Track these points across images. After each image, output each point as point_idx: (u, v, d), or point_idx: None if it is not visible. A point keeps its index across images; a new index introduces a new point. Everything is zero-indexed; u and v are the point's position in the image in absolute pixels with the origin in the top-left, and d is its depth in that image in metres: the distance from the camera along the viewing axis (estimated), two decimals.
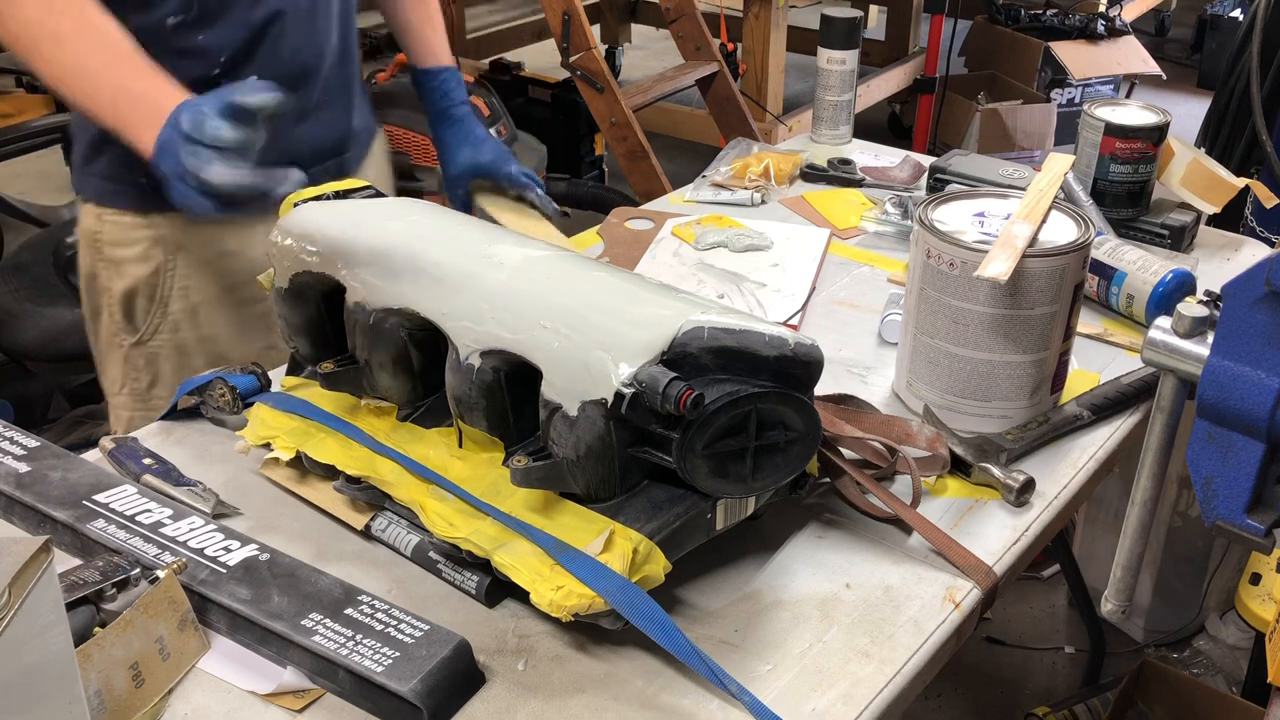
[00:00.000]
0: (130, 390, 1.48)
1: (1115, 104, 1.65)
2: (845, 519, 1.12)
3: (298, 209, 1.21)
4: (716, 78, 3.46)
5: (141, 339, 1.44)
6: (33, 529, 1.06)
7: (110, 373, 1.50)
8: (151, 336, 1.44)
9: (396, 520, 1.06)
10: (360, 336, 1.10)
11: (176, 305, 1.42)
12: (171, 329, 1.43)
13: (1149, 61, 4.25)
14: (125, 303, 1.42)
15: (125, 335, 1.45)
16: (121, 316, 1.43)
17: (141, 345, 1.44)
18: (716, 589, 1.03)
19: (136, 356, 1.45)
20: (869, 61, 4.40)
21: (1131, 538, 1.02)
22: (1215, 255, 1.66)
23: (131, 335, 1.44)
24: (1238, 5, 5.35)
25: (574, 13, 3.17)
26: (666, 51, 5.07)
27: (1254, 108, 2.48)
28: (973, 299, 1.18)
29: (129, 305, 1.43)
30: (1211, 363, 0.88)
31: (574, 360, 0.94)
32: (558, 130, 3.76)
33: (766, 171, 1.86)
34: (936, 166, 1.76)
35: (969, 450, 1.18)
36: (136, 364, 1.46)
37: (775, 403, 0.95)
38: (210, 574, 0.96)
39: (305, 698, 0.90)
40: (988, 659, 2.38)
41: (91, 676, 0.84)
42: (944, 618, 1.00)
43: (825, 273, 1.61)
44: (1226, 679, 2.24)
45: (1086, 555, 2.40)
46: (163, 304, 1.42)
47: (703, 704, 0.90)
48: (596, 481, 0.96)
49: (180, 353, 1.45)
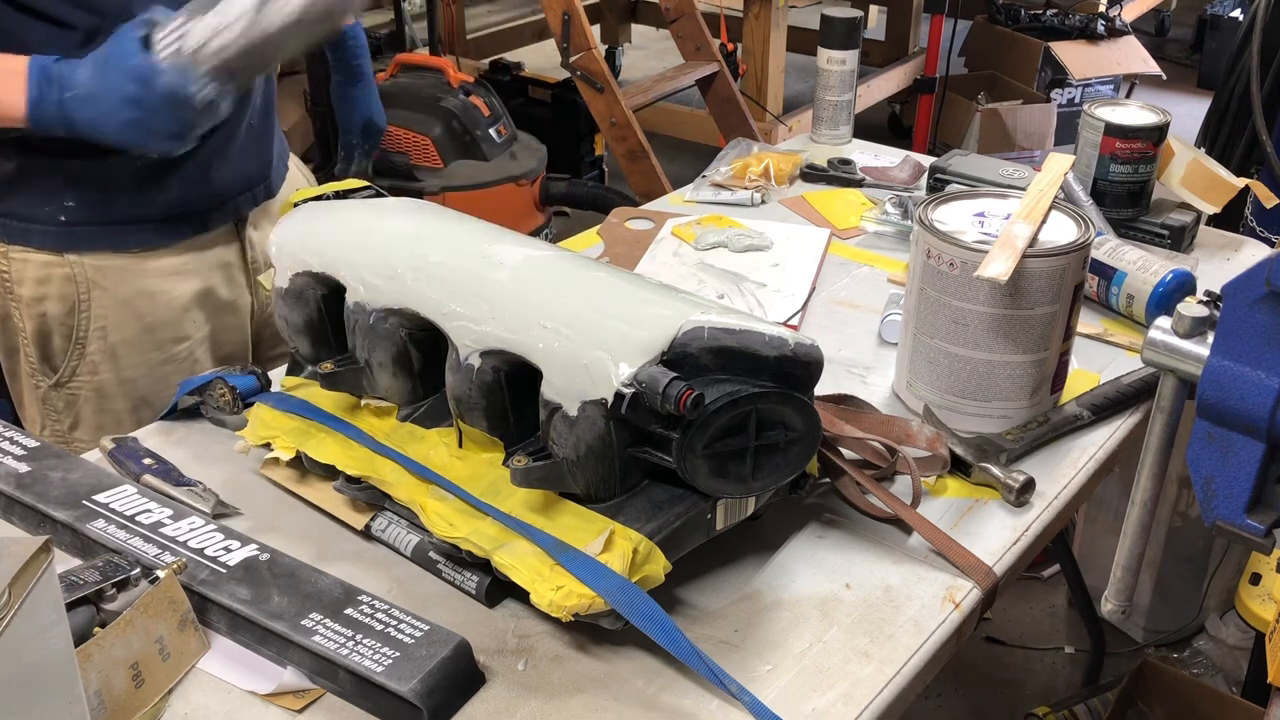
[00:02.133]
0: (51, 432, 1.43)
1: (1115, 104, 1.65)
2: (845, 519, 1.12)
3: (298, 209, 1.21)
4: (716, 78, 3.46)
5: (60, 380, 1.39)
6: (33, 529, 1.06)
7: (29, 414, 1.45)
8: (70, 378, 1.39)
9: (396, 520, 1.06)
10: (360, 336, 1.10)
11: (94, 345, 1.37)
12: (90, 370, 1.38)
13: (1149, 61, 4.25)
14: (40, 343, 1.38)
15: (42, 377, 1.40)
16: (38, 358, 1.39)
17: (60, 387, 1.39)
18: (716, 589, 1.03)
19: (55, 399, 1.41)
20: (869, 61, 4.40)
21: (1131, 538, 1.02)
22: (1215, 255, 1.66)
23: (49, 377, 1.39)
24: (1238, 5, 5.35)
25: (574, 13, 3.17)
26: (666, 51, 5.07)
27: (1254, 108, 2.48)
28: (973, 299, 1.18)
29: (44, 346, 1.38)
30: (1211, 363, 0.88)
31: (574, 360, 0.94)
32: (558, 130, 3.76)
33: (766, 171, 1.86)
34: (936, 166, 1.76)
35: (969, 450, 1.18)
36: (56, 406, 1.41)
37: (775, 403, 0.95)
38: (210, 574, 0.96)
39: (305, 698, 0.90)
40: (988, 659, 2.38)
41: (91, 676, 0.84)
42: (944, 618, 1.00)
43: (825, 273, 1.61)
44: (1226, 679, 2.24)
45: (1086, 555, 2.40)
46: (80, 344, 1.37)
47: (703, 704, 0.90)
48: (596, 481, 0.96)
49: (100, 395, 1.40)
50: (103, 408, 1.41)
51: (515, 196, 3.11)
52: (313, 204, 1.21)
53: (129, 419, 1.41)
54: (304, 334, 1.17)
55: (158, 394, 1.41)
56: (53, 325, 1.36)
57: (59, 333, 1.37)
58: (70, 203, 1.32)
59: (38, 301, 1.35)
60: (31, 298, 1.35)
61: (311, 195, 1.24)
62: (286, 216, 1.20)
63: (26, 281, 1.35)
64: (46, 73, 1.15)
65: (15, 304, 1.36)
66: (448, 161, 3.07)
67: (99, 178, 1.31)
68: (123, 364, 1.39)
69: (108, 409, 1.41)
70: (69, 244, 1.33)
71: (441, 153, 3.06)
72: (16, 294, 1.35)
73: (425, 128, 3.06)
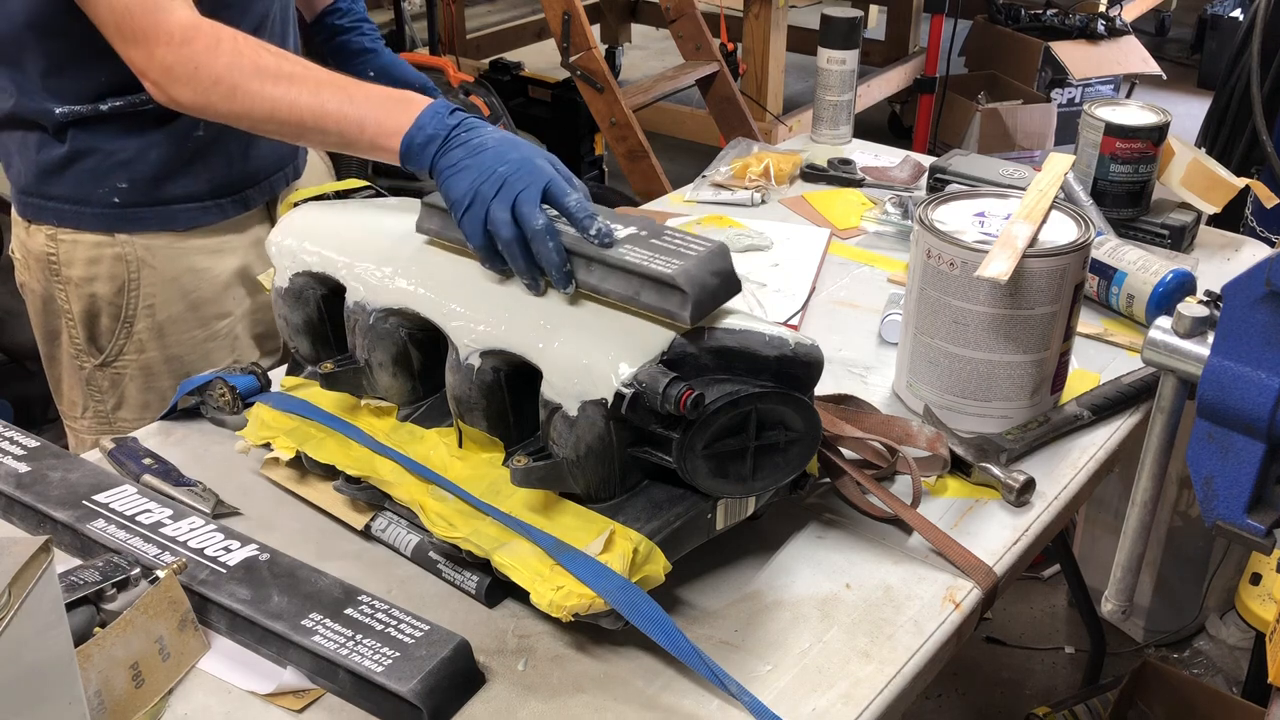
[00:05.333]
0: (94, 413, 1.45)
1: (1115, 104, 1.65)
2: (845, 519, 1.12)
3: (298, 209, 1.21)
4: (716, 78, 3.46)
5: (106, 360, 1.41)
6: (33, 529, 1.06)
7: (70, 396, 1.47)
8: (116, 357, 1.41)
9: (396, 520, 1.06)
10: (360, 336, 1.10)
11: (142, 324, 1.39)
12: (137, 349, 1.41)
13: (1149, 61, 4.25)
14: (87, 324, 1.39)
15: (88, 357, 1.42)
16: (84, 338, 1.40)
17: (106, 367, 1.41)
18: (716, 589, 1.03)
19: (100, 379, 1.42)
20: (869, 61, 4.40)
21: (1131, 538, 1.02)
22: (1215, 255, 1.66)
23: (95, 357, 1.41)
24: (1238, 5, 5.35)
25: (574, 13, 3.16)
26: (666, 51, 5.07)
27: (1254, 108, 2.48)
28: (973, 299, 1.18)
29: (91, 326, 1.40)
30: (1211, 363, 0.88)
31: (574, 360, 0.94)
32: (558, 130, 3.75)
33: (766, 171, 1.86)
34: (936, 166, 1.76)
35: (969, 450, 1.18)
36: (100, 386, 1.43)
37: (775, 403, 0.95)
38: (210, 574, 0.96)
39: (305, 698, 0.90)
40: (988, 659, 2.37)
41: (91, 676, 0.84)
42: (944, 618, 1.00)
43: (825, 273, 1.61)
44: (1226, 679, 2.24)
45: (1086, 555, 2.40)
46: (127, 323, 1.39)
47: (703, 704, 0.90)
48: (597, 481, 0.96)
49: (146, 373, 1.42)
50: (149, 385, 1.43)
51: None
52: (312, 204, 1.21)
53: (172, 396, 1.42)
54: (304, 334, 1.17)
55: (200, 370, 1.42)
56: (101, 305, 1.39)
57: (107, 313, 1.39)
58: (123, 184, 1.34)
59: (87, 282, 1.38)
60: (81, 278, 1.37)
61: (311, 195, 1.24)
62: (286, 216, 1.20)
63: (76, 263, 1.37)
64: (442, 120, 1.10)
65: (61, 286, 1.39)
66: None
67: (151, 159, 1.34)
68: (169, 341, 1.42)
69: (154, 386, 1.43)
70: (121, 225, 1.36)
71: None
72: (64, 276, 1.38)
73: None
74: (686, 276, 0.94)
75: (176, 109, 1.21)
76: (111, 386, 1.43)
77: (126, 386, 1.43)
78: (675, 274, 0.94)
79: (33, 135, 1.32)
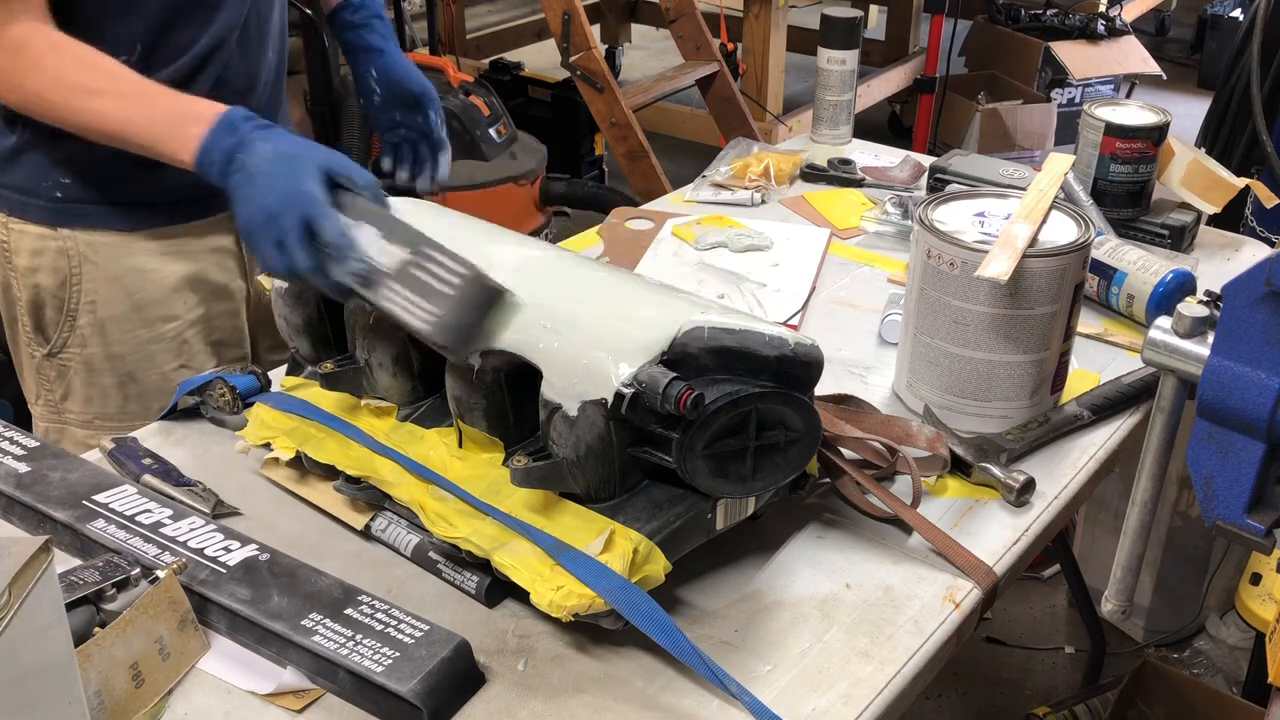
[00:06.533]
0: (45, 402, 1.46)
1: (1115, 104, 1.65)
2: (845, 519, 1.12)
3: None
4: (716, 78, 3.46)
5: (52, 351, 1.41)
6: (33, 529, 1.06)
7: (28, 382, 1.48)
8: (61, 349, 1.41)
9: (396, 520, 1.06)
10: (360, 336, 1.10)
11: (84, 319, 1.39)
12: (79, 343, 1.40)
13: (1149, 61, 4.25)
14: (33, 313, 1.40)
15: (37, 346, 1.42)
16: (32, 327, 1.41)
17: (52, 358, 1.42)
18: (716, 589, 1.03)
19: (48, 369, 1.43)
20: (869, 61, 4.40)
21: (1131, 538, 1.02)
22: (1215, 255, 1.66)
23: (43, 346, 1.42)
24: (1238, 5, 5.35)
25: (574, 13, 3.17)
26: (666, 51, 5.06)
27: (1254, 108, 2.48)
28: (973, 299, 1.18)
29: (38, 316, 1.40)
30: (1211, 363, 0.88)
31: (574, 360, 0.94)
32: (558, 130, 3.76)
33: (766, 171, 1.86)
34: (936, 166, 1.76)
35: (969, 450, 1.18)
36: (49, 375, 1.44)
37: (775, 403, 0.95)
38: (210, 574, 0.96)
39: (305, 698, 0.90)
40: (988, 659, 2.37)
41: (91, 676, 0.84)
42: (944, 618, 1.00)
43: (825, 273, 1.61)
44: (1226, 679, 2.24)
45: (1086, 555, 2.40)
46: (70, 317, 1.39)
47: (703, 704, 0.90)
48: (596, 481, 0.96)
49: (89, 368, 1.42)
50: (91, 381, 1.43)
51: (515, 196, 3.10)
52: None
53: (116, 394, 1.43)
54: (304, 334, 1.17)
55: (145, 371, 1.43)
56: (45, 297, 1.39)
57: (51, 305, 1.40)
58: (66, 180, 1.35)
59: (32, 272, 1.38)
60: (26, 268, 1.38)
61: None
62: None
63: (23, 253, 1.38)
64: (235, 128, 1.15)
65: (13, 274, 1.40)
66: None
67: (98, 159, 1.32)
68: (111, 339, 1.41)
69: (96, 382, 1.43)
70: (63, 219, 1.36)
71: None
72: (14, 264, 1.39)
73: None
74: (440, 327, 0.97)
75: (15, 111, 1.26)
76: (58, 377, 1.44)
77: (71, 380, 1.43)
78: (432, 330, 0.97)
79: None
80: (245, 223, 1.11)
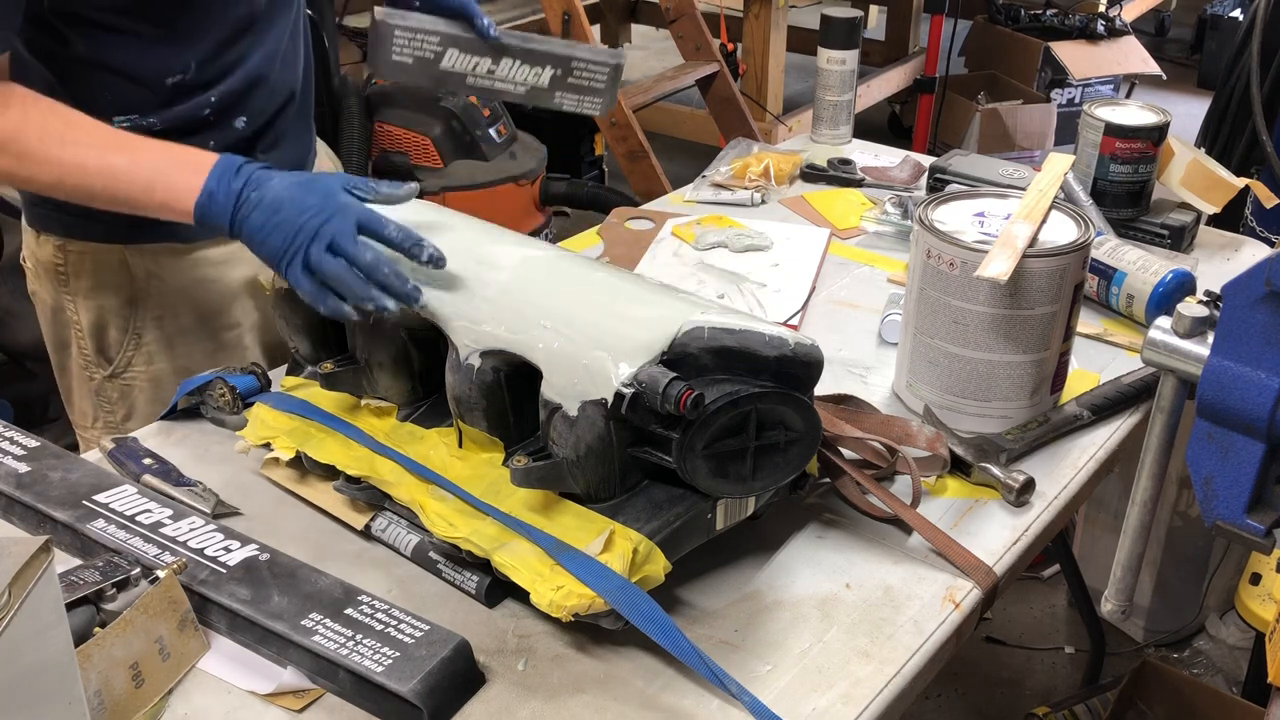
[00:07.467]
0: (104, 424, 1.44)
1: (1115, 104, 1.65)
2: (845, 519, 1.12)
3: None
4: (716, 78, 3.46)
5: (115, 371, 1.39)
6: (33, 529, 1.06)
7: (80, 406, 1.45)
8: (125, 369, 1.39)
9: (396, 520, 1.06)
10: (360, 337, 1.10)
11: (150, 335, 1.38)
12: (146, 360, 1.39)
13: (1149, 61, 4.25)
14: (96, 335, 1.38)
15: (97, 369, 1.40)
16: (93, 350, 1.39)
17: (115, 378, 1.40)
18: (716, 589, 1.03)
19: (110, 390, 1.41)
20: (869, 61, 4.40)
21: (1131, 538, 1.02)
22: (1215, 255, 1.66)
23: (104, 368, 1.40)
24: (1238, 5, 5.35)
25: (574, 13, 3.17)
26: (666, 51, 5.06)
27: (1254, 108, 2.48)
28: (973, 299, 1.18)
29: (100, 338, 1.38)
30: (1211, 363, 0.88)
31: (574, 360, 0.94)
32: (558, 130, 3.75)
33: (766, 171, 1.86)
34: (936, 166, 1.76)
35: (969, 450, 1.18)
36: (110, 397, 1.42)
37: (775, 403, 0.95)
38: (210, 574, 0.96)
39: (305, 698, 0.90)
40: (988, 659, 2.37)
41: (91, 676, 0.84)
42: (944, 618, 1.00)
43: (825, 273, 1.61)
44: (1226, 679, 2.24)
45: (1086, 555, 2.40)
46: (136, 335, 1.38)
47: (703, 704, 0.90)
48: (596, 481, 0.96)
49: (155, 384, 1.40)
50: (157, 397, 1.42)
51: (515, 196, 3.10)
52: None
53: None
54: (304, 334, 1.17)
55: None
56: (109, 317, 1.38)
57: (115, 324, 1.38)
58: None
59: (95, 293, 1.36)
60: (89, 289, 1.36)
61: None
62: None
63: (84, 274, 1.36)
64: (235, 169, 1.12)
65: (70, 297, 1.37)
66: (447, 161, 3.07)
67: None
68: (178, 352, 1.41)
69: (162, 398, 1.41)
70: (130, 236, 1.34)
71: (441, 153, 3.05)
72: (72, 287, 1.37)
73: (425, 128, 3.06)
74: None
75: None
76: (121, 398, 1.42)
77: (136, 398, 1.42)
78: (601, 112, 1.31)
79: None
80: (282, 247, 1.07)
